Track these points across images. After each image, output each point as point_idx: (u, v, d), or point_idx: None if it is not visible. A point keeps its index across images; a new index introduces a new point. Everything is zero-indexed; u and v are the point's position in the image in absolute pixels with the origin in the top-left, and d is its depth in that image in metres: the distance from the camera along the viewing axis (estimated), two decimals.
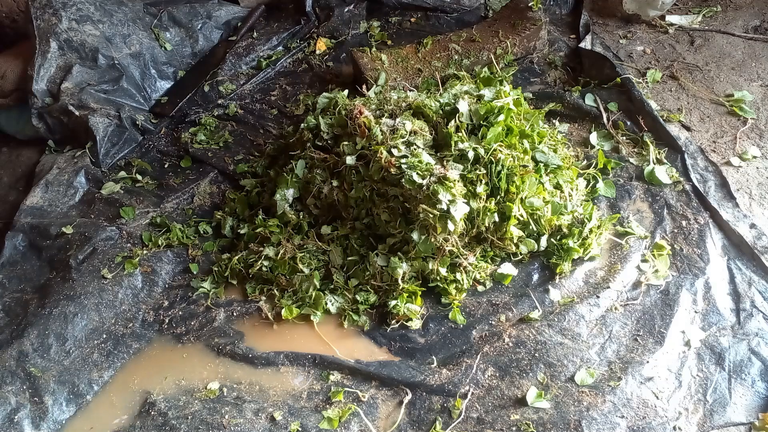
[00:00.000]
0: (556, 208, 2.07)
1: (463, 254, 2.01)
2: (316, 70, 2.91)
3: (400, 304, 1.96)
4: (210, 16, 3.09)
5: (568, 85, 2.68)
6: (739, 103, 2.50)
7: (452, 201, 1.91)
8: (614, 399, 1.74)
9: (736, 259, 2.03)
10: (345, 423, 1.75)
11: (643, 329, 1.89)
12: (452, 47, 2.77)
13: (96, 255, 2.18)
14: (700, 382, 1.77)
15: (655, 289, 1.98)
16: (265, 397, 1.83)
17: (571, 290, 2.02)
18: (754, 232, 2.08)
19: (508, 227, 2.01)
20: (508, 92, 2.21)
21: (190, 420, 1.77)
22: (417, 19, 3.10)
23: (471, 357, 1.87)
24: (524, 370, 1.83)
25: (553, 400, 1.76)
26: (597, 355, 1.85)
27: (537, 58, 2.79)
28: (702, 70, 2.70)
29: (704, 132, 2.46)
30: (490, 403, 1.77)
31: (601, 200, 2.25)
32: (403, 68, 2.71)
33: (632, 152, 2.39)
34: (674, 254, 2.06)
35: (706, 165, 2.31)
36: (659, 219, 2.17)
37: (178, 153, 2.62)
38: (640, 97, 2.48)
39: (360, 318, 1.99)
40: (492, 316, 1.96)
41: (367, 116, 2.12)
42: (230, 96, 2.83)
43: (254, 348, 1.94)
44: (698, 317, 1.91)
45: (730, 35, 2.83)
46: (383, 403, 1.81)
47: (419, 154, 2.01)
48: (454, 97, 2.20)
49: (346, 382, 1.85)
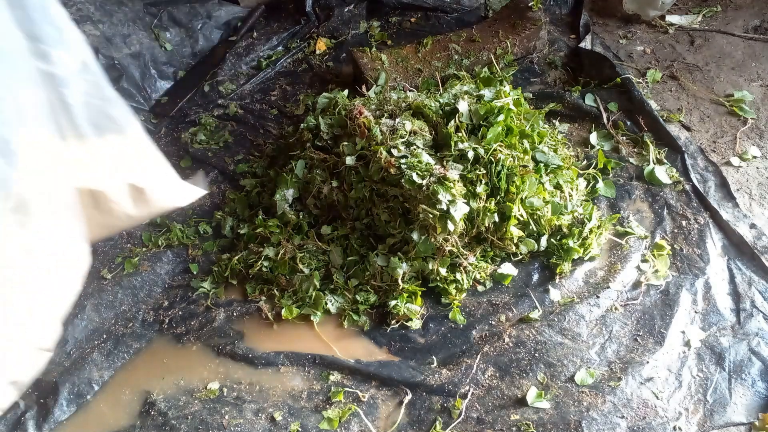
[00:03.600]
0: (556, 208, 2.07)
1: (463, 254, 2.00)
2: (316, 70, 2.91)
3: (400, 304, 1.96)
4: (210, 16, 3.09)
5: (568, 85, 2.68)
6: (739, 103, 2.50)
7: (452, 201, 1.91)
8: (614, 399, 1.74)
9: (736, 259, 2.03)
10: (345, 423, 1.75)
11: (643, 329, 1.89)
12: (452, 47, 2.76)
13: (96, 255, 2.17)
14: (700, 382, 1.77)
15: (655, 289, 1.98)
16: (265, 397, 1.83)
17: (571, 290, 2.02)
18: (754, 232, 2.08)
19: (508, 227, 2.01)
20: (508, 92, 2.21)
21: (190, 420, 1.77)
22: (417, 19, 3.10)
23: (471, 357, 1.87)
24: (524, 370, 1.83)
25: (553, 400, 1.76)
26: (597, 355, 1.85)
27: (537, 58, 2.79)
28: (702, 70, 2.70)
29: (704, 132, 2.46)
30: (490, 403, 1.77)
31: (601, 200, 2.25)
32: (403, 68, 2.71)
33: (632, 152, 2.39)
34: (674, 254, 2.06)
35: (706, 165, 2.31)
36: (659, 219, 2.17)
37: (178, 153, 2.62)
38: (640, 97, 2.48)
39: (360, 318, 1.99)
40: (492, 316, 1.96)
41: (367, 116, 2.12)
42: (230, 96, 2.83)
43: (254, 348, 1.94)
44: (698, 317, 1.91)
45: (730, 35, 2.83)
46: (383, 403, 1.81)
47: (419, 154, 2.01)
48: (454, 97, 2.20)
49: (346, 382, 1.85)
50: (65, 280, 1.53)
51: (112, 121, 1.46)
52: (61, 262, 1.48)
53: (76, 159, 1.42)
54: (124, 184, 1.51)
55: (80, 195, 1.46)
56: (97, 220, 1.52)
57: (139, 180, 1.53)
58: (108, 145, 1.46)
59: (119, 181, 1.51)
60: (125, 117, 1.50)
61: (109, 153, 1.47)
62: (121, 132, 1.48)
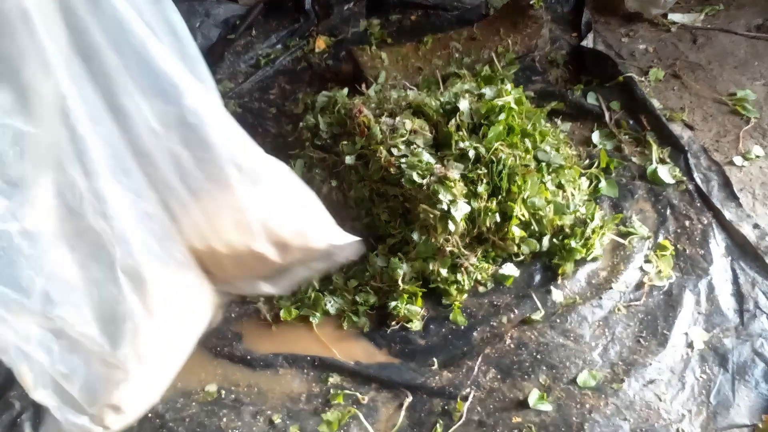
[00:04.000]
0: (559, 207, 2.05)
1: (464, 255, 1.99)
2: (316, 69, 2.89)
3: (400, 305, 1.94)
4: (208, 14, 3.07)
5: (570, 84, 2.66)
6: (742, 102, 2.49)
7: (453, 201, 1.89)
8: (617, 401, 1.73)
9: (739, 260, 2.02)
10: (344, 426, 1.73)
11: (646, 330, 1.88)
12: (453, 45, 2.75)
13: None
14: (704, 384, 1.76)
15: (658, 289, 1.97)
16: (263, 399, 1.81)
17: (573, 291, 2.00)
18: (757, 232, 2.07)
19: (509, 227, 1.99)
20: (509, 91, 2.19)
21: (187, 422, 1.76)
22: (417, 17, 3.08)
23: (472, 359, 1.86)
24: (526, 372, 1.81)
25: (555, 402, 1.74)
26: (599, 356, 1.83)
27: (538, 57, 2.77)
28: (705, 68, 2.68)
29: (707, 131, 2.44)
30: (492, 406, 1.75)
31: (604, 200, 2.23)
32: (404, 67, 2.69)
33: (635, 151, 2.38)
34: (677, 255, 2.05)
35: (709, 164, 2.29)
36: (662, 219, 2.16)
37: None
38: (643, 96, 2.46)
39: (360, 319, 1.97)
40: (493, 317, 1.94)
41: (367, 115, 2.10)
42: (229, 95, 2.80)
43: (252, 350, 1.92)
44: (701, 318, 1.89)
45: (733, 34, 2.81)
46: (383, 405, 1.79)
47: (419, 153, 1.99)
48: (454, 96, 2.18)
49: (345, 385, 1.83)
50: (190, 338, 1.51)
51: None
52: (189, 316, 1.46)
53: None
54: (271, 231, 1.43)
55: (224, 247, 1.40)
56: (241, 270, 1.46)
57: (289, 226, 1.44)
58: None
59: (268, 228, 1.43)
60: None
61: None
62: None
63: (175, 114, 1.25)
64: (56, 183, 1.16)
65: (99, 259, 1.23)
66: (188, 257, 1.43)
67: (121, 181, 1.23)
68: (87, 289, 1.25)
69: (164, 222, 1.34)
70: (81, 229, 1.20)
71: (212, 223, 1.38)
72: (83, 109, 1.13)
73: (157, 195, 1.30)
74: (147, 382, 1.46)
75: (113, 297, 1.26)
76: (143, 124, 1.22)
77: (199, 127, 1.29)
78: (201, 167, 1.32)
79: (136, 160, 1.25)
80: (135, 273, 1.27)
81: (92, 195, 1.18)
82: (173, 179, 1.30)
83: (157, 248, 1.33)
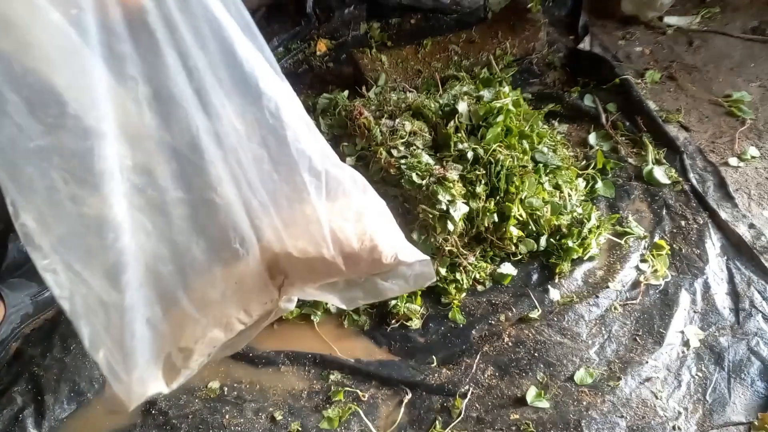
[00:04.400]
0: (556, 208, 2.07)
1: (463, 254, 2.01)
2: (317, 71, 2.92)
3: (400, 303, 1.96)
4: None
5: (567, 86, 2.69)
6: (738, 104, 2.51)
7: (452, 201, 1.92)
8: (614, 399, 1.75)
9: (735, 259, 2.04)
10: (345, 423, 1.75)
11: (642, 329, 1.90)
12: (452, 48, 2.77)
13: None
14: (700, 382, 1.77)
15: (654, 288, 1.99)
16: (265, 396, 1.83)
17: (570, 290, 2.02)
18: (752, 232, 2.09)
19: (507, 227, 2.02)
20: (507, 93, 2.22)
21: (190, 419, 1.78)
22: (417, 20, 3.11)
23: (471, 356, 1.88)
24: (524, 370, 1.83)
25: (553, 399, 1.76)
26: (596, 354, 1.85)
27: (536, 59, 2.79)
28: (701, 70, 2.71)
29: (703, 132, 2.46)
30: (490, 403, 1.77)
31: (600, 200, 2.25)
32: (403, 69, 2.71)
33: (631, 152, 2.40)
34: (673, 254, 2.07)
35: (705, 165, 2.31)
36: (658, 219, 2.18)
37: None
38: (639, 98, 2.49)
39: (360, 318, 1.99)
40: (492, 315, 1.97)
41: (367, 117, 2.13)
42: None
43: (255, 347, 1.94)
44: (697, 317, 1.91)
45: (729, 36, 2.84)
46: (383, 402, 1.81)
47: (419, 154, 2.01)
48: (453, 98, 2.21)
49: (346, 382, 1.85)
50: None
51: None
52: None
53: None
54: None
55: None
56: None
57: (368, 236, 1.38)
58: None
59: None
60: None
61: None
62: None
63: (254, 114, 1.24)
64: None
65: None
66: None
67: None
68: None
69: (246, 221, 1.32)
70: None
71: (287, 227, 1.36)
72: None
73: (240, 192, 1.29)
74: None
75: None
76: (228, 122, 1.21)
77: (278, 129, 1.26)
78: (279, 170, 1.29)
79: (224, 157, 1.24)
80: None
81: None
82: (255, 179, 1.29)
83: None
